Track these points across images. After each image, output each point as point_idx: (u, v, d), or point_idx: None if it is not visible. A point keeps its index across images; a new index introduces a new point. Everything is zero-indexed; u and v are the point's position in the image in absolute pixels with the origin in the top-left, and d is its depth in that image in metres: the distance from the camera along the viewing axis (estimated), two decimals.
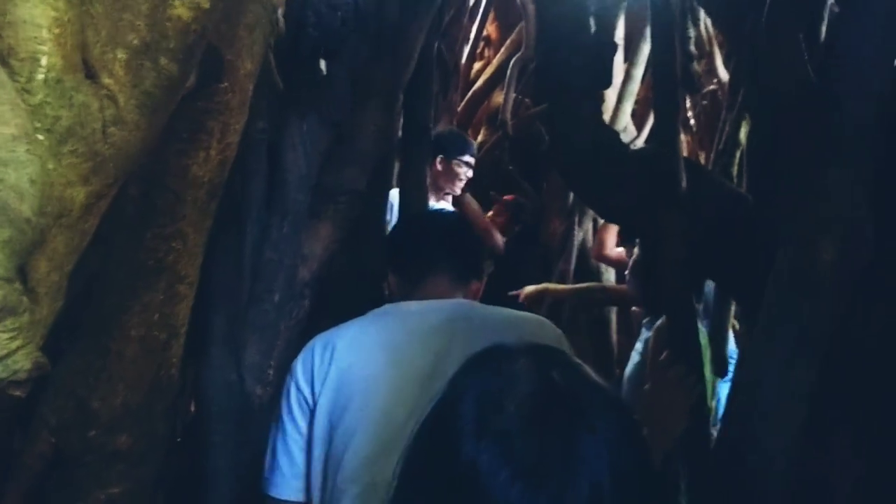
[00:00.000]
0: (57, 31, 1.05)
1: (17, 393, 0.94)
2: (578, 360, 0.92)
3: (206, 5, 1.25)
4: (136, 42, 1.18)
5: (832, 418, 1.54)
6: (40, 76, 1.04)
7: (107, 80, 1.14)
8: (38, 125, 1.03)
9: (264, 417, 2.38)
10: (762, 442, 1.45)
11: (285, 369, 2.51)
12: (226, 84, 1.50)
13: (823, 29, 2.03)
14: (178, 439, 2.30)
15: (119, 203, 1.40)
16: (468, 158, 4.08)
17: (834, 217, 1.44)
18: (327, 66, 2.58)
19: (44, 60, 1.05)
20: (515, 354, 0.89)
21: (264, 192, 2.31)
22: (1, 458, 1.53)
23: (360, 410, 1.57)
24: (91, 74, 1.13)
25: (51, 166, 1.03)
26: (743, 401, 1.50)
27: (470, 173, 4.12)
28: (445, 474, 0.80)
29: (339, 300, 2.78)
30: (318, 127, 2.43)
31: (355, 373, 1.61)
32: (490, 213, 5.34)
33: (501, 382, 0.84)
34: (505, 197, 5.54)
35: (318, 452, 1.59)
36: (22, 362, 0.92)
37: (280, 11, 2.31)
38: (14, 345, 0.92)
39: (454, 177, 3.98)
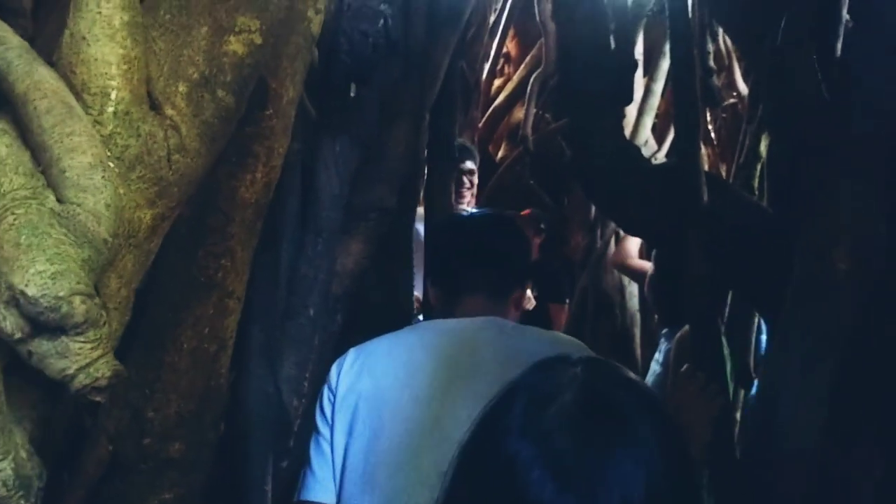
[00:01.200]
0: (124, 67, 1.15)
1: (98, 398, 1.03)
2: (632, 375, 0.96)
3: (259, 41, 1.35)
4: (195, 76, 1.28)
5: (853, 422, 1.59)
6: (110, 109, 1.14)
7: (170, 112, 1.24)
8: (110, 154, 1.13)
9: (301, 429, 2.46)
10: (783, 446, 1.51)
11: (320, 382, 2.59)
12: (270, 111, 1.60)
13: (839, 46, 2.10)
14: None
15: (174, 224, 1.49)
16: (465, 166, 4.09)
17: (847, 227, 1.51)
18: (357, 88, 2.67)
19: (113, 94, 1.14)
20: (573, 363, 0.93)
21: (299, 211, 2.40)
22: (61, 465, 1.62)
23: (379, 423, 1.62)
24: (155, 106, 1.23)
25: (121, 191, 1.12)
26: (764, 406, 1.56)
27: (474, 180, 4.12)
28: (491, 468, 0.87)
29: (369, 315, 2.86)
30: (349, 148, 2.51)
31: (379, 385, 1.66)
32: None
33: (553, 387, 0.90)
34: (522, 213, 5.61)
35: (338, 460, 1.64)
36: (103, 370, 1.02)
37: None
38: (95, 354, 1.01)
39: (455, 188, 4.02)
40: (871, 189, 1.53)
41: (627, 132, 5.23)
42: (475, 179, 4.25)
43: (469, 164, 4.19)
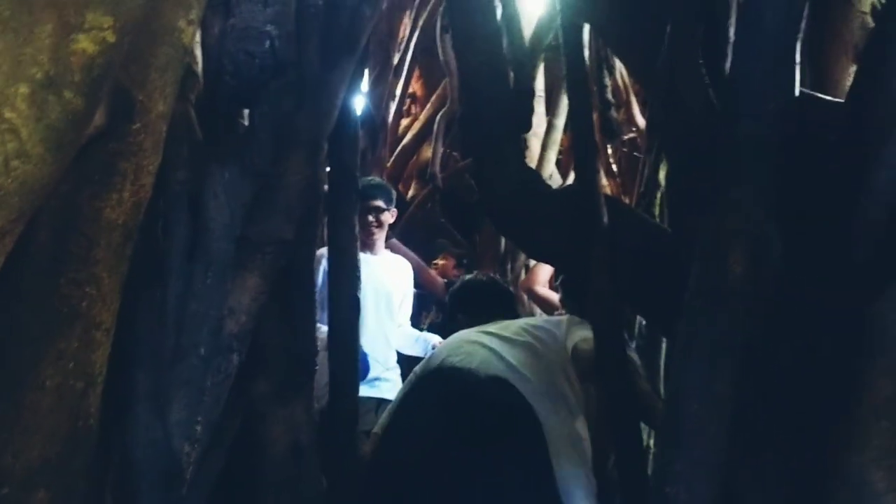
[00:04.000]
0: None
1: None
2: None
3: (112, 39, 1.25)
4: (38, 76, 1.17)
5: (756, 428, 1.57)
6: None
7: (9, 114, 1.13)
8: None
9: (193, 476, 2.31)
10: (690, 457, 1.47)
11: (213, 426, 2.45)
12: (138, 125, 1.49)
13: (727, 60, 2.14)
14: None
15: (29, 250, 1.37)
16: (373, 203, 4.06)
17: (740, 231, 1.50)
18: (249, 115, 2.58)
19: None
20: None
21: (187, 243, 2.27)
22: None
23: None
24: None
25: None
26: (668, 416, 1.53)
27: (383, 217, 4.09)
28: None
29: (269, 355, 2.73)
30: (240, 177, 2.41)
31: None
32: (439, 261, 5.58)
33: None
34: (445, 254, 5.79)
35: None
36: None
37: (198, 66, 2.32)
38: None
39: (363, 225, 3.98)
40: (760, 192, 1.53)
41: (533, 166, 5.31)
42: (384, 218, 4.18)
43: (377, 202, 4.14)
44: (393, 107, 6.91)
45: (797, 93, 1.95)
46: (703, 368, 1.47)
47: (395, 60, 6.72)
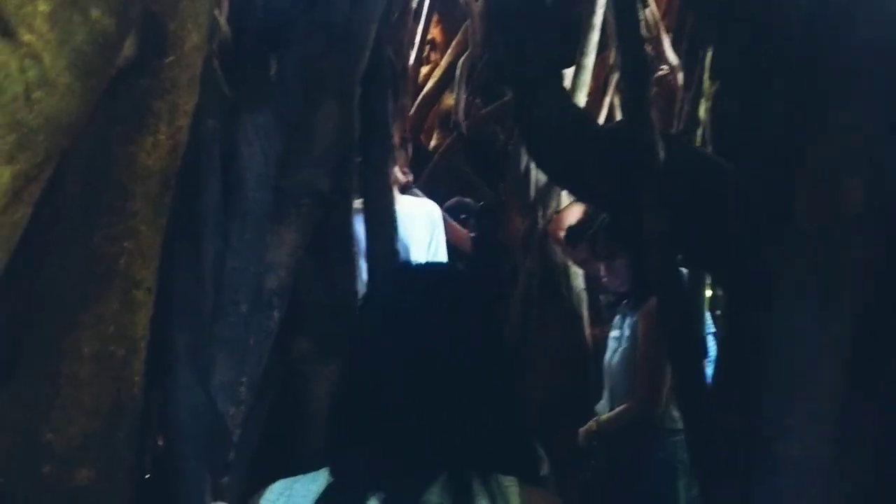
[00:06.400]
0: None
1: None
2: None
3: None
4: None
5: (871, 380, 1.40)
6: None
7: (27, 37, 0.97)
8: None
9: (241, 439, 2.22)
10: (800, 409, 1.32)
11: (258, 387, 2.36)
12: (172, 58, 1.33)
13: None
14: (147, 475, 2.13)
15: (57, 202, 1.22)
16: None
17: (858, 154, 1.31)
18: (278, 61, 2.44)
19: None
20: None
21: (221, 197, 2.14)
22: None
23: None
24: (7, 31, 0.96)
25: None
26: (775, 364, 1.37)
27: None
28: None
29: (309, 310, 2.62)
30: (272, 123, 2.28)
31: None
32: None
33: None
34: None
35: None
36: None
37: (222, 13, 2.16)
38: None
39: None
40: (879, 110, 1.34)
41: None
42: None
43: None
44: (413, 54, 6.68)
45: None
46: (816, 310, 1.30)
47: (414, 5, 6.48)
